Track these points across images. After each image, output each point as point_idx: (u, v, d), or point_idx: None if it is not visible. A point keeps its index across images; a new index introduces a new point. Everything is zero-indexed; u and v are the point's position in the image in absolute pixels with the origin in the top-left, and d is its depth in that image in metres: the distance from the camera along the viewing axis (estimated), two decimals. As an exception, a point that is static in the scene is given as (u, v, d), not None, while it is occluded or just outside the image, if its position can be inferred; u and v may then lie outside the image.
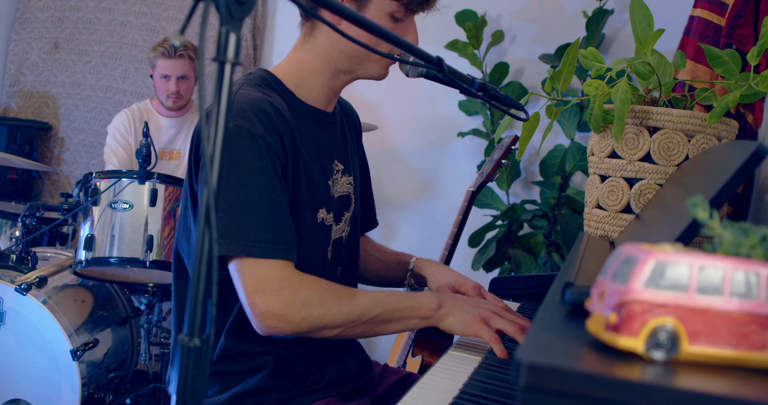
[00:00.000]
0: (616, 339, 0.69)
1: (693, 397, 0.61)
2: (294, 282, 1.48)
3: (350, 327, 1.51)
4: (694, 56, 2.23)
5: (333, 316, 1.48)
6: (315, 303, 1.47)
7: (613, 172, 1.81)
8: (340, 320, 1.49)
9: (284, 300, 1.45)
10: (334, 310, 1.48)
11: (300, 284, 1.48)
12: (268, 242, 1.46)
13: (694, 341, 0.68)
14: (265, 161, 1.50)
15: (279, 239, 1.48)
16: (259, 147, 1.50)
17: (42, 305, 2.65)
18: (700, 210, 0.73)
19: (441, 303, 1.56)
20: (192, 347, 0.90)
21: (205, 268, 0.90)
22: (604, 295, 0.72)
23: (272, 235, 1.47)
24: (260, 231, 1.46)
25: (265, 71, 1.70)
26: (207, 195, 0.88)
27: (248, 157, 1.49)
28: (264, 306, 1.44)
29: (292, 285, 1.47)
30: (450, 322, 1.55)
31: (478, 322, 1.53)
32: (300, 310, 1.46)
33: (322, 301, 1.48)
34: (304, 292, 1.48)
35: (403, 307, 1.55)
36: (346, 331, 1.52)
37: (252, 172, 1.49)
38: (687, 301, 0.68)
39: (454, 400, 1.21)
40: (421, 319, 1.56)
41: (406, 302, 1.55)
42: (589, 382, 0.62)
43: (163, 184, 2.84)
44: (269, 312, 1.44)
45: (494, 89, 1.69)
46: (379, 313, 1.52)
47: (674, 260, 0.68)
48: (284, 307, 1.45)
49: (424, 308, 1.55)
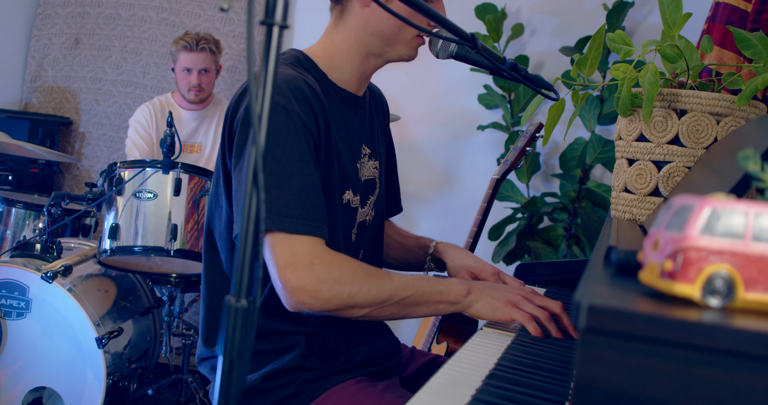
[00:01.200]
0: (673, 286, 0.69)
1: (754, 337, 0.61)
2: (326, 259, 1.48)
3: (379, 307, 1.52)
4: (720, 42, 2.23)
5: (363, 295, 1.49)
6: (346, 281, 1.48)
7: (641, 156, 1.81)
8: (371, 300, 1.50)
9: (316, 276, 1.45)
10: (364, 289, 1.49)
11: (332, 262, 1.49)
12: (301, 218, 1.47)
13: (750, 288, 0.69)
14: (299, 138, 1.51)
15: (312, 216, 1.49)
16: (293, 123, 1.51)
17: (68, 293, 2.67)
18: (751, 162, 0.73)
19: (470, 289, 1.57)
20: (239, 308, 0.91)
21: (252, 229, 0.91)
22: (658, 245, 0.73)
23: (305, 212, 1.48)
24: (293, 207, 1.47)
25: (299, 52, 1.71)
26: (255, 155, 0.89)
27: (282, 133, 1.50)
28: (295, 281, 1.44)
29: (324, 261, 1.47)
30: (479, 307, 1.56)
31: (508, 306, 1.53)
32: (331, 287, 1.46)
33: (354, 279, 1.49)
34: (336, 269, 1.48)
35: (433, 291, 1.55)
36: (375, 312, 1.52)
37: (286, 148, 1.49)
38: (743, 249, 0.68)
39: (492, 372, 1.22)
40: (450, 304, 1.57)
41: (435, 286, 1.56)
42: (650, 322, 0.63)
43: (187, 174, 2.86)
44: (300, 287, 1.44)
45: (524, 69, 1.69)
46: (408, 295, 1.53)
47: (730, 208, 0.69)
48: (316, 283, 1.45)
49: (453, 293, 1.56)
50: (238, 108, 1.59)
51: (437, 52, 1.71)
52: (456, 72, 3.94)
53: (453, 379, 1.20)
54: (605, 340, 0.64)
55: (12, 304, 2.69)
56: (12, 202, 3.24)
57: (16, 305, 2.68)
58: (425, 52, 1.80)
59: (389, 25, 1.66)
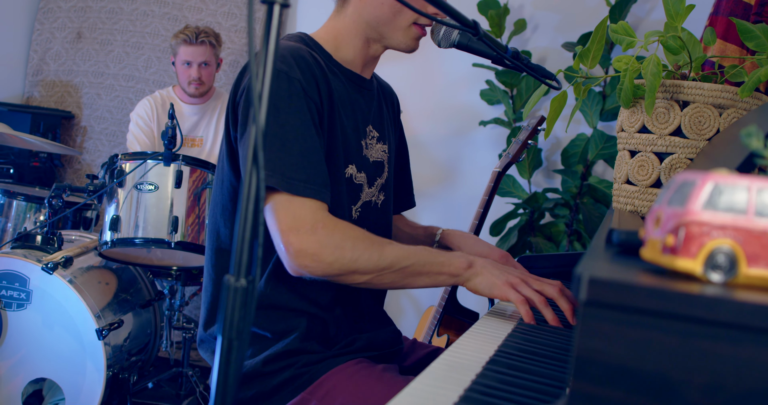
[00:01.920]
0: (674, 261, 0.69)
1: (757, 309, 0.61)
2: (329, 224, 1.49)
3: (380, 275, 1.52)
4: (723, 35, 2.23)
5: (365, 261, 1.50)
6: (348, 246, 1.49)
7: (643, 147, 1.80)
8: (372, 266, 1.51)
9: (318, 240, 1.46)
10: (366, 255, 1.50)
11: (335, 227, 1.50)
12: (303, 181, 1.48)
13: (752, 264, 0.68)
14: (301, 104, 1.52)
15: (314, 180, 1.50)
16: (296, 90, 1.52)
17: (68, 284, 2.66)
18: (754, 139, 0.73)
19: (471, 263, 1.58)
20: (238, 288, 0.91)
21: (252, 207, 0.91)
22: (660, 220, 0.72)
23: (307, 175, 1.49)
24: (295, 170, 1.48)
25: (303, 33, 1.74)
26: (255, 133, 0.88)
27: (285, 98, 1.51)
28: (298, 244, 1.45)
29: (326, 226, 1.48)
30: (477, 282, 1.57)
31: (505, 285, 1.54)
32: (333, 251, 1.47)
33: (355, 245, 1.50)
34: (338, 234, 1.49)
35: (434, 262, 1.56)
36: (376, 279, 1.53)
37: (289, 113, 1.51)
38: (745, 224, 0.68)
39: (492, 358, 1.21)
40: (450, 276, 1.58)
41: (437, 258, 1.57)
42: (652, 295, 0.62)
43: (188, 166, 2.85)
44: (303, 250, 1.45)
45: (527, 58, 1.69)
46: (409, 264, 1.54)
47: (732, 182, 0.68)
48: (318, 246, 1.46)
49: (454, 266, 1.57)
50: (242, 79, 1.61)
51: (439, 41, 1.71)
52: (458, 68, 3.94)
53: (453, 364, 1.20)
54: (606, 313, 0.64)
55: (12, 295, 2.68)
56: (13, 194, 3.24)
57: (17, 296, 2.68)
58: (427, 48, 1.80)
59: (383, 11, 1.67)
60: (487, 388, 1.04)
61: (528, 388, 1.05)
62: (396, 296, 4.12)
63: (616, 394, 0.63)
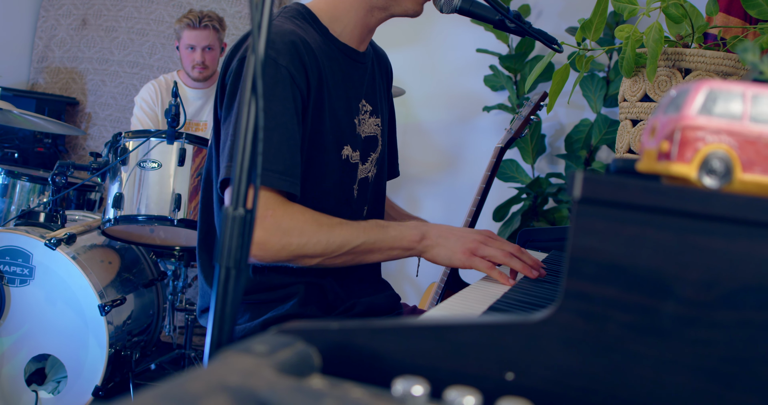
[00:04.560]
0: (670, 166, 0.69)
1: (750, 202, 0.61)
2: (278, 211, 1.49)
3: (330, 257, 1.52)
4: (726, 8, 2.22)
5: (313, 245, 1.49)
6: (295, 232, 1.49)
7: (646, 116, 1.80)
8: (320, 250, 1.50)
9: (265, 228, 1.47)
10: (314, 239, 1.49)
11: (284, 213, 1.50)
12: (273, 171, 1.48)
13: (747, 170, 0.68)
14: (286, 92, 1.52)
15: (284, 170, 1.49)
16: (282, 77, 1.51)
17: (71, 261, 2.67)
18: (750, 53, 0.73)
19: (424, 234, 1.57)
20: (236, 216, 0.91)
21: (251, 137, 0.91)
22: (655, 130, 0.72)
23: (278, 165, 1.48)
24: (268, 159, 1.48)
25: (301, 5, 1.71)
26: (255, 62, 0.88)
27: (270, 85, 1.51)
28: None
29: (276, 214, 1.48)
30: (435, 253, 1.56)
31: (465, 253, 1.54)
32: (280, 239, 1.47)
33: (303, 230, 1.49)
34: (286, 221, 1.49)
35: (385, 238, 1.56)
36: (327, 261, 1.53)
37: (272, 100, 1.50)
38: (740, 129, 0.68)
39: (493, 305, 1.22)
40: (403, 250, 1.57)
41: (388, 233, 1.56)
42: (646, 190, 0.62)
43: (191, 145, 2.86)
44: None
45: (528, 23, 1.69)
46: (360, 244, 1.53)
47: (727, 88, 0.68)
48: (265, 234, 1.47)
49: (407, 239, 1.56)
50: (232, 59, 1.60)
51: (441, 6, 1.70)
52: (462, 53, 3.94)
53: (453, 311, 1.20)
54: (600, 210, 0.64)
55: (15, 271, 2.69)
56: (17, 175, 3.24)
57: (20, 272, 2.68)
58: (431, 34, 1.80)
59: None
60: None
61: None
62: (396, 279, 4.12)
63: (610, 291, 0.63)
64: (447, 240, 1.56)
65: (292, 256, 1.50)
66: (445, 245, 1.55)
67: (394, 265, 4.13)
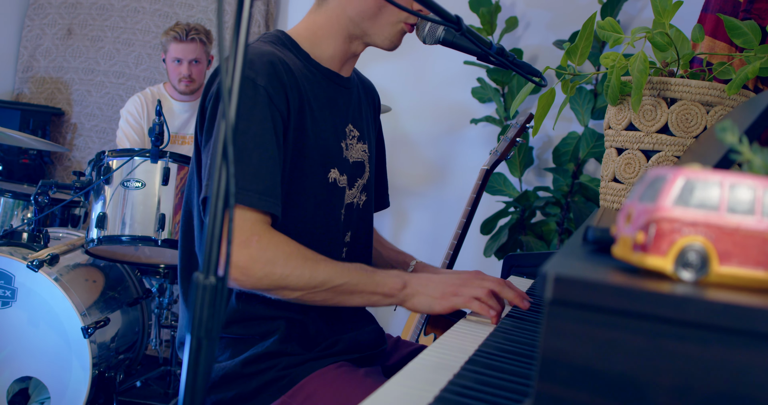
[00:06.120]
0: (645, 258, 0.67)
1: (726, 309, 0.59)
2: (264, 238, 1.47)
3: (311, 292, 1.50)
4: (712, 32, 2.21)
5: (295, 278, 1.47)
6: (280, 262, 1.46)
7: (630, 145, 1.79)
8: (303, 283, 1.48)
9: (250, 253, 1.44)
10: (297, 272, 1.47)
11: (269, 241, 1.47)
12: (253, 191, 1.46)
13: (724, 262, 0.66)
14: (264, 113, 1.50)
15: (265, 190, 1.47)
16: (260, 98, 1.50)
17: (54, 282, 2.64)
18: (729, 134, 0.71)
19: (405, 283, 1.56)
20: (207, 285, 0.89)
21: (222, 204, 0.89)
22: (631, 217, 0.71)
23: (259, 186, 1.46)
24: (248, 179, 1.45)
25: (281, 32, 1.71)
26: (224, 129, 0.86)
27: (248, 106, 1.49)
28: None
29: (261, 240, 1.46)
30: (415, 302, 1.55)
31: (444, 297, 1.53)
32: (263, 267, 1.45)
33: (287, 261, 1.47)
34: (271, 249, 1.47)
35: (368, 281, 1.54)
36: (307, 296, 1.51)
37: (250, 121, 1.48)
38: (717, 220, 0.66)
39: (471, 357, 1.20)
40: (384, 297, 1.56)
41: (371, 278, 1.55)
42: (619, 293, 0.61)
43: (175, 163, 2.84)
44: (233, 262, 1.43)
45: (512, 55, 1.67)
46: (342, 283, 1.51)
47: (704, 178, 0.67)
48: (249, 260, 1.44)
49: (388, 286, 1.55)
50: (212, 83, 1.59)
51: (424, 38, 1.69)
52: (449, 65, 3.92)
53: (432, 364, 1.18)
54: (572, 313, 0.62)
55: (-3, 293, 2.66)
56: (0, 191, 3.21)
57: (2, 294, 2.66)
58: (418, 45, 1.78)
59: (368, 6, 1.64)
60: (462, 389, 1.02)
61: (504, 388, 1.03)
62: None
63: (582, 395, 0.61)
64: (426, 288, 1.55)
65: (274, 286, 1.48)
66: (425, 293, 1.54)
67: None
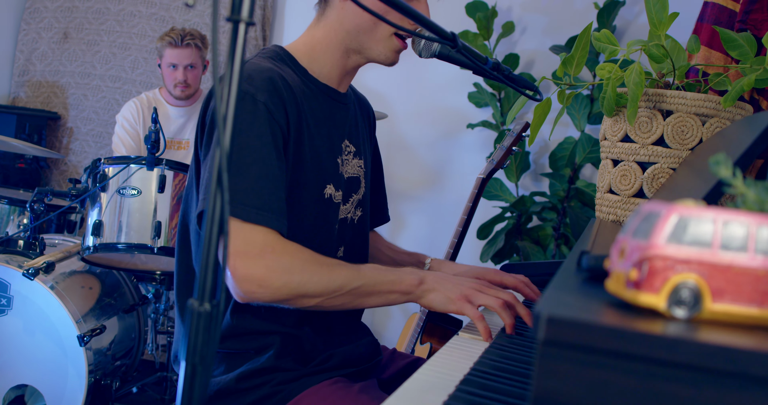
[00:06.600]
0: (638, 296, 0.67)
1: (718, 351, 0.59)
2: (278, 248, 1.47)
3: (330, 297, 1.50)
4: (708, 42, 2.21)
5: (313, 284, 1.47)
6: (296, 270, 1.46)
7: (626, 157, 1.79)
8: (321, 289, 1.48)
9: (266, 265, 1.44)
10: (315, 278, 1.47)
11: (283, 250, 1.47)
12: (257, 208, 1.45)
13: (717, 299, 0.67)
14: (264, 128, 1.50)
15: (269, 206, 1.47)
16: (260, 113, 1.50)
17: (49, 290, 2.64)
18: (722, 168, 0.71)
19: (422, 279, 1.56)
20: (202, 312, 0.89)
21: (216, 230, 0.89)
22: (624, 252, 0.71)
23: (262, 202, 1.46)
24: (251, 196, 1.45)
25: (279, 47, 1.71)
26: (219, 156, 0.86)
27: (248, 121, 1.49)
28: (244, 270, 1.42)
29: (275, 250, 1.46)
30: (431, 298, 1.55)
31: (460, 300, 1.52)
32: (280, 276, 1.45)
33: (304, 268, 1.47)
34: (286, 258, 1.47)
35: (384, 280, 1.54)
36: (326, 302, 1.51)
37: (250, 136, 1.48)
38: (710, 258, 0.66)
39: (466, 377, 1.20)
40: (402, 294, 1.56)
41: (387, 276, 1.55)
42: (611, 335, 0.61)
43: (171, 171, 2.83)
44: (249, 276, 1.43)
45: (508, 70, 1.67)
46: (359, 285, 1.51)
47: (698, 215, 0.67)
48: (265, 271, 1.44)
49: (405, 283, 1.55)
50: (211, 99, 1.59)
51: (420, 51, 1.69)
52: (446, 70, 3.92)
53: (426, 383, 1.18)
54: (565, 353, 0.62)
55: (-7, 301, 2.66)
56: (-4, 197, 3.21)
57: (-2, 302, 2.66)
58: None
59: (364, 20, 1.64)
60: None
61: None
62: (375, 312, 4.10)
63: (575, 435, 0.61)
64: (443, 285, 1.55)
65: (292, 295, 1.47)
66: (442, 291, 1.54)
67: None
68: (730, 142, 1.44)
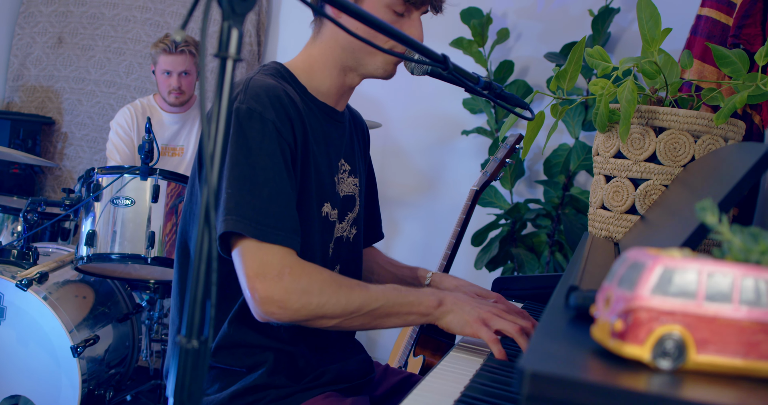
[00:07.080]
0: (622, 347, 0.67)
1: (701, 409, 0.59)
2: (296, 269, 1.47)
3: (349, 318, 1.50)
4: (701, 56, 2.21)
5: (332, 305, 1.47)
6: (315, 291, 1.46)
7: (619, 173, 1.79)
8: (339, 310, 1.48)
9: (285, 286, 1.44)
10: (333, 299, 1.47)
11: (302, 272, 1.47)
12: (272, 227, 1.46)
13: (701, 350, 0.67)
14: (273, 146, 1.50)
15: (283, 225, 1.47)
16: (269, 131, 1.50)
17: (43, 301, 2.64)
18: (709, 214, 0.71)
19: (441, 301, 1.56)
20: (190, 349, 0.89)
21: (204, 267, 0.89)
22: (610, 302, 0.71)
23: (275, 221, 1.47)
24: (265, 214, 1.46)
25: (279, 64, 1.71)
26: (207, 194, 0.86)
27: (258, 140, 1.49)
28: (264, 291, 1.43)
29: (293, 272, 1.46)
30: (449, 320, 1.55)
31: (477, 322, 1.52)
32: (300, 298, 1.45)
33: (323, 289, 1.47)
34: (305, 279, 1.47)
35: (403, 302, 1.54)
36: (345, 322, 1.51)
37: (261, 155, 1.48)
38: (695, 309, 0.66)
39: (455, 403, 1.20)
40: (420, 316, 1.56)
41: (406, 298, 1.55)
42: (594, 392, 0.61)
43: (165, 181, 2.83)
44: (269, 297, 1.43)
45: (500, 88, 1.67)
46: (378, 307, 1.52)
47: (682, 266, 0.67)
48: (284, 293, 1.44)
49: (424, 305, 1.55)
50: None
51: (412, 69, 1.69)
52: (441, 76, 3.91)
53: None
54: (548, 409, 0.62)
55: (-14, 312, 2.66)
56: (-11, 205, 3.21)
57: (-9, 313, 2.66)
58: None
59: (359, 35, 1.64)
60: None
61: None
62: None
63: None
64: (461, 307, 1.55)
65: (312, 316, 1.48)
66: (459, 313, 1.54)
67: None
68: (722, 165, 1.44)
